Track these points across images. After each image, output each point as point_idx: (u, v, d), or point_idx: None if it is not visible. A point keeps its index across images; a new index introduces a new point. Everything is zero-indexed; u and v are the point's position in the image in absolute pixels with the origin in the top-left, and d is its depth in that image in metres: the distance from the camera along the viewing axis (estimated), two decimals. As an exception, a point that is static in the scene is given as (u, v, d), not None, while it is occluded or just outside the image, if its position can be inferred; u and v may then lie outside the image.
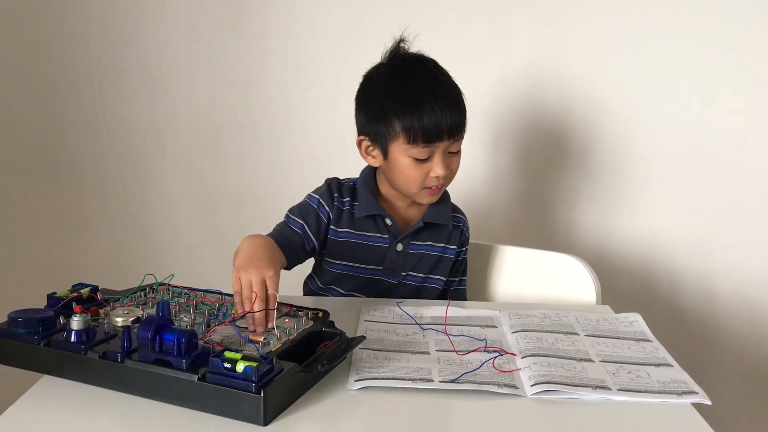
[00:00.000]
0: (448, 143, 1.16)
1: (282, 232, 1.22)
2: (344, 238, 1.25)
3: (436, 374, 0.89)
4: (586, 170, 1.67)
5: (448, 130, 1.15)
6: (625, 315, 1.12)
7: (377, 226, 1.25)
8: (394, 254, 1.25)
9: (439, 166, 1.17)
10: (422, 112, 1.14)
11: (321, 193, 1.26)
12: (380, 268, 1.25)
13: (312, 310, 0.99)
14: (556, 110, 1.65)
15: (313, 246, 1.24)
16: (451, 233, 1.28)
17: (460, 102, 1.18)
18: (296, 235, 1.22)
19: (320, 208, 1.25)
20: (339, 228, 1.25)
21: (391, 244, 1.25)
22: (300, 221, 1.23)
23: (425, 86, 1.17)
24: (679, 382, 0.89)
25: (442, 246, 1.28)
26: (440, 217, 1.26)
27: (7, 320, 0.90)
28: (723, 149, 1.60)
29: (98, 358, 0.83)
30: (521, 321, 1.08)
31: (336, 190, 1.26)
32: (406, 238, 1.25)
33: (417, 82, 1.18)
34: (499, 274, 1.38)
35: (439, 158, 1.17)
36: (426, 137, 1.15)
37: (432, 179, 1.18)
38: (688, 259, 1.67)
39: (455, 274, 1.31)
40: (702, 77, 1.58)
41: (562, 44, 1.61)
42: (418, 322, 1.08)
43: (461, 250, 1.31)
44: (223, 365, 0.77)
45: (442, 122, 1.14)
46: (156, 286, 1.07)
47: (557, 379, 0.88)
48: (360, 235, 1.25)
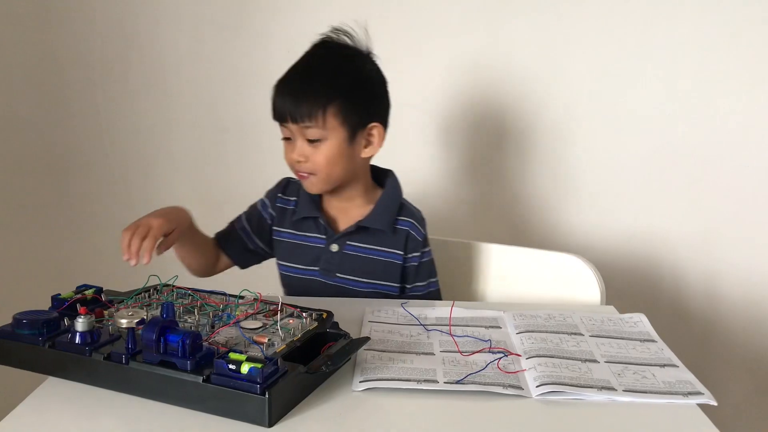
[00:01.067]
0: (299, 128, 1.15)
1: (225, 233, 1.30)
2: (286, 238, 1.27)
3: (441, 375, 0.89)
4: (588, 170, 1.66)
5: (290, 114, 1.15)
6: (630, 315, 1.12)
7: (316, 227, 1.25)
8: (328, 255, 1.24)
9: (293, 149, 1.17)
10: (277, 89, 1.17)
11: (268, 194, 1.30)
12: (317, 269, 1.24)
13: (316, 311, 0.99)
14: (559, 109, 1.64)
15: (260, 249, 1.28)
16: (393, 238, 1.23)
17: (314, 90, 1.14)
18: (236, 236, 1.29)
19: (264, 209, 1.28)
20: (282, 228, 1.27)
21: (326, 245, 1.24)
22: (244, 224, 1.29)
23: (296, 67, 1.19)
24: (685, 383, 0.89)
25: (385, 251, 1.24)
26: (377, 222, 1.22)
27: (12, 322, 0.90)
28: (726, 148, 1.60)
29: (103, 359, 0.83)
30: (526, 322, 1.08)
31: (281, 191, 1.29)
32: (341, 238, 1.23)
33: (296, 63, 1.20)
34: (503, 274, 1.37)
35: (295, 141, 1.17)
36: (275, 114, 1.17)
37: (295, 163, 1.18)
38: (691, 258, 1.66)
39: (413, 280, 1.26)
40: (705, 76, 1.57)
41: (566, 43, 1.61)
42: (422, 323, 1.07)
43: (411, 256, 1.24)
44: (227, 366, 0.77)
45: (283, 103, 1.15)
46: (160, 287, 1.07)
47: (562, 380, 0.87)
48: (300, 235, 1.26)
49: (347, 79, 1.18)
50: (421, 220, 1.27)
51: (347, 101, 1.16)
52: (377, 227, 1.23)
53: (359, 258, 1.23)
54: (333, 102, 1.14)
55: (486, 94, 1.66)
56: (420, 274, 1.26)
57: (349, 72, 1.19)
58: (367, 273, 1.24)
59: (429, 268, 1.28)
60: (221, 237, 1.29)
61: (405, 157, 1.57)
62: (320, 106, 1.14)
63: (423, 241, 1.26)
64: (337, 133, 1.16)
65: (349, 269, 1.24)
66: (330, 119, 1.15)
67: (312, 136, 1.16)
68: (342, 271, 1.24)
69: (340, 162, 1.18)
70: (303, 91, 1.15)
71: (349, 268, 1.24)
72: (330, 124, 1.15)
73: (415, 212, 1.27)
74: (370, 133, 1.20)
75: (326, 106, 1.14)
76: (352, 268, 1.24)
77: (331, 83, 1.16)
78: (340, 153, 1.17)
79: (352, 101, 1.16)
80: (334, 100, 1.14)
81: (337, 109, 1.15)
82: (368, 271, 1.24)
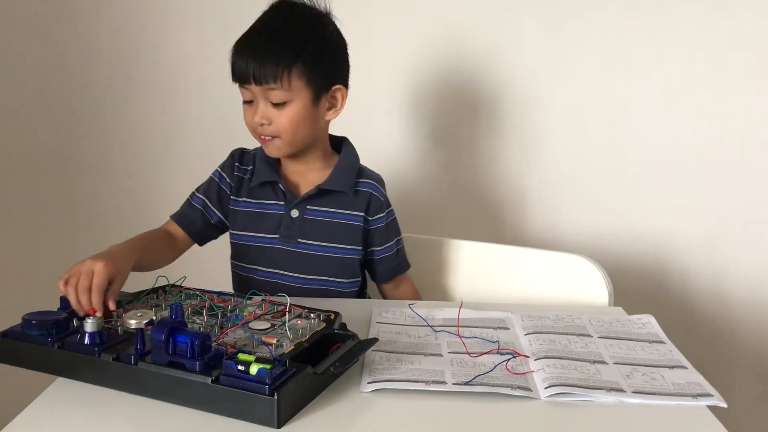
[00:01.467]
0: (262, 90, 1.13)
1: (184, 212, 1.26)
2: (243, 207, 1.25)
3: (449, 376, 0.89)
4: (595, 169, 1.66)
5: (253, 76, 1.12)
6: (638, 316, 1.12)
7: (275, 193, 1.24)
8: (288, 221, 1.22)
9: (256, 111, 1.15)
10: (237, 50, 1.15)
11: (223, 166, 1.28)
12: (276, 236, 1.23)
13: (324, 312, 0.99)
14: (565, 109, 1.64)
15: (218, 219, 1.26)
16: (354, 200, 1.23)
17: (279, 51, 1.12)
18: (197, 212, 1.25)
19: (221, 180, 1.26)
20: (239, 198, 1.25)
21: (286, 210, 1.23)
22: (201, 197, 1.26)
23: (255, 27, 1.17)
24: (694, 385, 0.89)
25: (346, 213, 1.23)
26: (338, 184, 1.22)
27: (22, 322, 0.90)
28: (735, 148, 1.59)
29: (112, 360, 0.84)
30: (534, 323, 1.08)
31: (238, 160, 1.27)
32: (302, 203, 1.22)
33: (255, 23, 1.18)
34: (511, 275, 1.37)
35: (259, 104, 1.15)
36: (237, 76, 1.15)
37: (257, 126, 1.16)
38: (699, 259, 1.66)
39: (382, 242, 1.26)
40: (714, 77, 1.57)
41: (571, 41, 1.61)
42: (430, 324, 1.07)
43: (376, 218, 1.25)
44: (236, 368, 0.77)
45: (246, 65, 1.12)
46: (168, 288, 1.08)
47: (571, 382, 0.87)
48: (258, 203, 1.24)
49: (312, 40, 1.15)
50: (381, 182, 1.28)
51: (312, 62, 1.14)
52: (338, 189, 1.22)
53: (320, 222, 1.23)
54: (297, 63, 1.12)
55: (487, 88, 1.66)
56: (389, 235, 1.28)
57: (313, 33, 1.17)
58: (328, 237, 1.23)
59: (396, 227, 1.30)
60: (180, 218, 1.26)
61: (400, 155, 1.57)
62: (285, 68, 1.11)
63: (386, 201, 1.27)
64: (302, 95, 1.15)
65: (310, 234, 1.22)
66: (295, 81, 1.13)
67: (276, 98, 1.13)
68: (303, 236, 1.22)
69: (304, 124, 1.17)
70: (267, 52, 1.12)
71: (310, 233, 1.22)
72: (295, 86, 1.13)
73: (374, 175, 1.28)
74: (334, 96, 1.20)
75: (291, 68, 1.12)
76: (314, 233, 1.22)
77: (295, 44, 1.13)
78: (305, 115, 1.16)
79: (316, 63, 1.15)
80: (299, 61, 1.12)
81: (302, 70, 1.13)
82: (329, 235, 1.23)
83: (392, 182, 1.70)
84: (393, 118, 1.70)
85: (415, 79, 1.68)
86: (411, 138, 1.72)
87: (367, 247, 1.26)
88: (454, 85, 1.68)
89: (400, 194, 1.71)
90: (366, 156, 1.29)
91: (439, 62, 1.67)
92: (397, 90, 1.69)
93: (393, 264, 1.30)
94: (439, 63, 1.67)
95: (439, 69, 1.67)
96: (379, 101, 1.69)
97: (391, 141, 1.71)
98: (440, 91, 1.68)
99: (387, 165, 1.73)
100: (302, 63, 1.13)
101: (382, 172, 1.30)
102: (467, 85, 1.67)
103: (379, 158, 1.69)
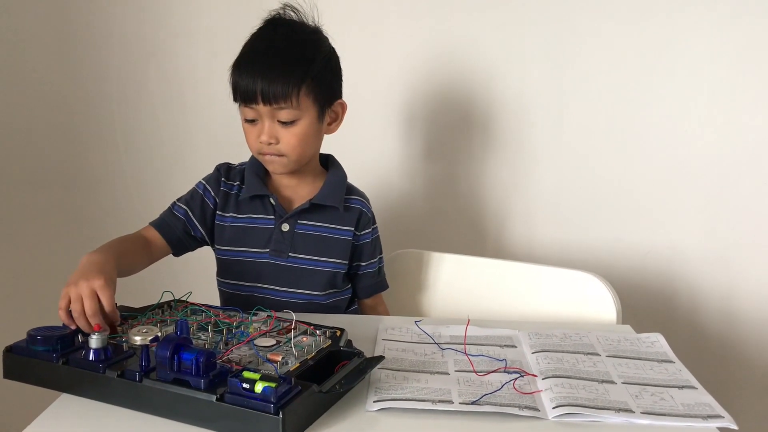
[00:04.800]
0: (270, 109, 1.13)
1: (164, 219, 1.24)
2: (230, 222, 1.24)
3: (456, 395, 0.88)
4: (604, 185, 1.65)
5: (262, 95, 1.11)
6: (647, 335, 1.11)
7: (264, 207, 1.23)
8: (279, 235, 1.22)
9: (263, 131, 1.15)
10: (242, 70, 1.14)
11: (208, 179, 1.27)
12: (267, 251, 1.23)
13: (330, 329, 0.99)
14: (573, 125, 1.63)
15: (200, 234, 1.24)
16: (344, 215, 1.25)
17: (287, 71, 1.12)
18: (179, 221, 1.23)
19: (206, 194, 1.25)
20: (225, 213, 1.24)
21: (277, 225, 1.23)
22: (184, 207, 1.24)
23: (257, 46, 1.17)
24: (704, 406, 0.87)
25: (337, 228, 1.24)
26: (330, 199, 1.23)
27: (27, 338, 0.90)
28: (745, 165, 1.58)
29: (116, 376, 0.83)
30: (541, 341, 1.07)
31: (224, 175, 1.26)
32: (293, 217, 1.22)
33: (255, 41, 1.18)
34: (517, 291, 1.36)
35: (264, 123, 1.15)
36: (243, 96, 1.14)
37: (263, 145, 1.16)
38: (709, 276, 1.64)
39: (368, 258, 1.29)
40: (724, 91, 1.56)
41: (581, 55, 1.61)
42: (436, 342, 1.07)
43: (364, 233, 1.27)
44: (241, 385, 0.76)
45: (252, 84, 1.12)
46: (174, 303, 1.07)
47: (579, 402, 0.86)
48: (245, 218, 1.23)
49: (316, 57, 1.16)
50: (368, 200, 1.30)
51: (318, 79, 1.15)
52: (330, 204, 1.23)
53: (311, 236, 1.23)
54: (306, 81, 1.13)
55: (496, 103, 1.65)
56: (374, 251, 1.31)
57: (316, 50, 1.18)
58: (320, 251, 1.23)
59: (379, 245, 1.33)
60: (160, 224, 1.24)
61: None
62: (295, 86, 1.12)
63: (373, 217, 1.30)
64: (310, 113, 1.16)
65: (301, 248, 1.23)
66: (303, 99, 1.14)
67: (285, 117, 1.14)
68: (294, 250, 1.22)
69: (310, 141, 1.18)
70: (276, 71, 1.12)
71: (302, 248, 1.23)
72: (303, 104, 1.14)
73: (361, 192, 1.30)
74: (335, 110, 1.22)
75: (300, 86, 1.13)
76: (304, 247, 1.23)
77: (303, 62, 1.14)
78: (312, 132, 1.17)
79: (321, 79, 1.16)
80: (307, 79, 1.13)
81: (310, 88, 1.14)
82: (321, 250, 1.23)
83: (391, 198, 1.70)
84: (386, 132, 1.70)
85: (408, 94, 1.68)
86: (408, 151, 1.71)
87: (353, 261, 1.28)
88: (452, 98, 1.67)
89: (399, 210, 1.71)
90: (360, 170, 1.30)
91: (432, 76, 1.67)
92: (388, 104, 1.69)
93: (374, 281, 1.32)
94: (432, 77, 1.67)
95: (432, 83, 1.67)
96: (370, 116, 1.68)
97: (383, 156, 1.71)
98: (438, 104, 1.68)
99: (385, 180, 1.73)
100: (309, 80, 1.14)
101: (381, 189, 1.31)
102: (472, 95, 1.67)
103: (376, 172, 1.70)
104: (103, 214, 1.80)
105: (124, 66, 1.73)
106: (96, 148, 1.78)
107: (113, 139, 1.77)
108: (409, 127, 1.70)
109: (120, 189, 1.80)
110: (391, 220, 1.67)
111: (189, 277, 1.28)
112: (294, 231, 1.23)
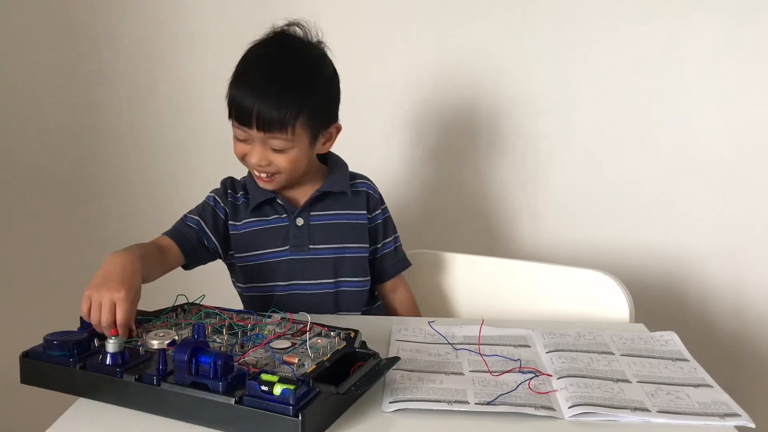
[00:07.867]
0: (263, 135, 1.12)
1: (178, 228, 1.22)
2: (245, 228, 1.24)
3: (472, 396, 0.88)
4: (613, 184, 1.65)
5: (257, 120, 1.10)
6: (661, 333, 1.10)
7: (273, 209, 1.24)
8: (295, 230, 1.23)
9: (253, 153, 1.15)
10: (239, 89, 1.12)
11: (216, 192, 1.27)
12: (286, 248, 1.23)
13: (344, 330, 0.99)
14: (584, 124, 1.63)
15: (213, 245, 1.23)
16: (353, 199, 1.26)
17: (284, 101, 1.11)
18: (192, 231, 1.22)
19: (216, 205, 1.25)
20: (238, 221, 1.24)
21: (291, 221, 1.23)
22: (196, 218, 1.23)
23: (258, 66, 1.15)
24: (721, 404, 0.87)
25: (350, 213, 1.26)
26: (336, 185, 1.24)
27: (43, 343, 0.91)
28: (755, 162, 1.58)
29: (134, 381, 0.83)
30: (555, 340, 1.07)
31: (230, 188, 1.27)
32: (304, 210, 1.23)
33: (256, 59, 1.16)
34: (530, 291, 1.36)
35: (255, 146, 1.14)
36: (237, 117, 1.13)
37: (253, 165, 1.16)
38: (719, 274, 1.64)
39: (382, 238, 1.30)
40: (733, 89, 1.56)
41: (589, 55, 1.60)
42: (450, 342, 1.07)
43: (375, 214, 1.29)
44: (260, 388, 0.77)
45: (249, 108, 1.10)
46: (188, 306, 1.08)
47: (595, 401, 0.86)
48: (260, 221, 1.24)
49: (316, 87, 1.16)
50: (371, 181, 1.31)
51: (315, 110, 1.15)
52: (337, 190, 1.24)
53: (327, 226, 1.24)
54: (303, 112, 1.13)
55: (505, 104, 1.65)
56: (387, 231, 1.31)
57: (316, 79, 1.17)
58: (337, 238, 1.24)
59: (392, 224, 1.33)
60: (175, 233, 1.22)
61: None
62: (291, 118, 1.11)
63: (380, 198, 1.31)
64: (302, 140, 1.15)
65: (319, 239, 1.24)
66: (298, 129, 1.13)
67: (278, 146, 1.14)
68: (313, 242, 1.23)
69: (303, 161, 1.18)
70: (273, 99, 1.11)
71: (320, 238, 1.24)
72: (297, 134, 1.14)
73: (364, 176, 1.31)
74: (330, 132, 1.22)
75: (297, 118, 1.12)
76: (323, 237, 1.24)
77: (302, 93, 1.13)
78: (304, 156, 1.17)
79: (318, 109, 1.16)
80: (305, 110, 1.13)
81: (305, 119, 1.13)
82: (338, 236, 1.24)
83: (400, 199, 1.70)
84: (393, 134, 1.70)
85: (415, 94, 1.69)
86: (416, 153, 1.71)
87: (371, 244, 1.28)
88: (461, 98, 1.68)
89: (408, 211, 1.71)
90: (368, 173, 1.32)
91: (440, 77, 1.67)
92: (395, 105, 1.69)
93: (394, 261, 1.32)
94: (440, 78, 1.67)
95: (440, 84, 1.67)
96: (376, 119, 1.69)
97: (389, 158, 1.72)
98: (445, 105, 1.68)
99: (393, 182, 1.73)
100: (307, 111, 1.13)
101: (389, 191, 1.32)
102: (480, 96, 1.67)
103: (383, 175, 1.70)
104: (114, 219, 1.81)
105: (133, 70, 1.74)
106: (105, 154, 1.78)
107: (123, 143, 1.78)
108: (417, 128, 1.70)
109: (131, 194, 1.80)
110: (402, 222, 1.66)
111: (201, 281, 1.28)
112: (309, 224, 1.23)
